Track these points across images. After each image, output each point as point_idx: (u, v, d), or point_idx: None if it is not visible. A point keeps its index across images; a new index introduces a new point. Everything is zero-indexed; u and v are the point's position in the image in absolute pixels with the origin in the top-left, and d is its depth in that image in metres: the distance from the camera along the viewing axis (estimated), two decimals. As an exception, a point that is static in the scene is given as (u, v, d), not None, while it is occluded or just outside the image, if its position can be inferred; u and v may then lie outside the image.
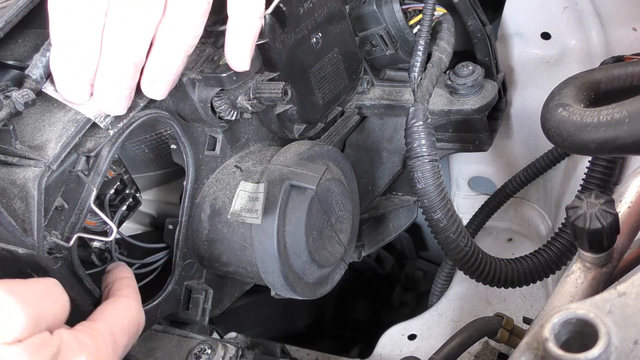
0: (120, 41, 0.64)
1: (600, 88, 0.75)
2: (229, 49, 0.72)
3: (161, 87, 0.69)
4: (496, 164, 1.37)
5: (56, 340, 0.55)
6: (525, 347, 0.44)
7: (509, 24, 1.16)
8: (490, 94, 1.04)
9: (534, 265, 0.94)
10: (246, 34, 0.71)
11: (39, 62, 0.67)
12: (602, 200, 0.57)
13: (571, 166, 1.17)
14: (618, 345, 0.41)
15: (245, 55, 0.72)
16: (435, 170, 0.86)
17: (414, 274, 1.68)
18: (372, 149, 1.12)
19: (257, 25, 0.71)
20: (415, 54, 0.95)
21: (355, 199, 0.95)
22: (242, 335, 1.18)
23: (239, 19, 0.70)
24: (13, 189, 0.65)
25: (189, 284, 0.87)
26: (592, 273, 0.61)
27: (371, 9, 1.01)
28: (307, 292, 0.87)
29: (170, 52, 0.67)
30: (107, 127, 0.69)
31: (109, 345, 0.61)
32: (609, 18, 1.06)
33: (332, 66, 0.96)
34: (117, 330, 0.64)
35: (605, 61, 0.92)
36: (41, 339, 0.54)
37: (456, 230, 0.88)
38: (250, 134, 0.91)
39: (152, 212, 1.03)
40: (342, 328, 1.61)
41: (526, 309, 1.20)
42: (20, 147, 0.65)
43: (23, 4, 0.71)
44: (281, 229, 0.80)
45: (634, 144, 0.58)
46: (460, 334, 0.85)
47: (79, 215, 0.69)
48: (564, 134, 0.65)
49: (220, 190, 0.84)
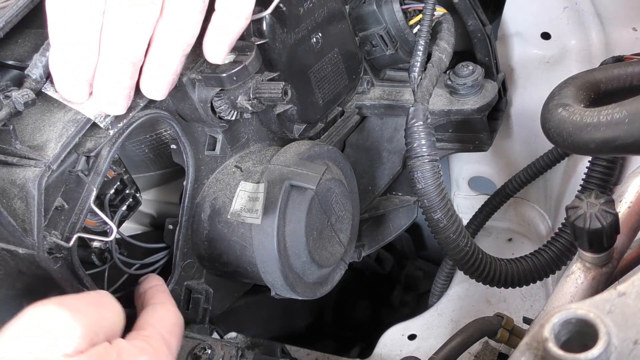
0: (118, 41, 0.64)
1: (600, 88, 0.75)
2: (207, 40, 0.71)
3: (160, 87, 0.69)
4: (496, 164, 1.37)
5: (115, 348, 0.56)
6: (525, 347, 0.44)
7: (509, 24, 1.16)
8: (490, 94, 1.04)
9: (534, 265, 0.94)
10: (228, 30, 0.71)
11: (38, 62, 0.67)
12: (602, 200, 0.57)
13: (571, 166, 1.17)
14: (618, 345, 0.41)
15: (222, 50, 0.72)
16: (435, 170, 0.86)
17: (414, 274, 1.67)
18: (372, 149, 1.12)
19: (241, 24, 0.71)
20: (415, 54, 0.95)
21: (355, 199, 0.95)
22: (242, 335, 1.18)
23: (225, 15, 0.70)
24: (13, 189, 0.65)
25: (189, 284, 0.87)
26: (592, 273, 0.61)
27: (371, 9, 1.01)
28: (307, 292, 0.87)
29: (168, 51, 0.67)
30: (107, 127, 0.69)
31: (165, 347, 0.63)
32: (609, 18, 1.06)
33: (332, 66, 0.96)
34: (166, 333, 0.65)
35: (605, 61, 0.92)
36: (102, 349, 0.55)
37: (456, 230, 0.88)
38: (250, 134, 0.91)
39: (152, 212, 1.04)
40: (342, 328, 1.61)
41: (526, 309, 1.20)
42: (20, 147, 0.65)
43: (23, 4, 0.71)
44: (281, 229, 0.80)
45: (634, 144, 0.58)
46: (460, 334, 0.85)
47: (79, 215, 0.69)
48: (564, 134, 0.65)
49: (220, 190, 0.84)
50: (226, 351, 0.77)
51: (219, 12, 0.70)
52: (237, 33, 0.72)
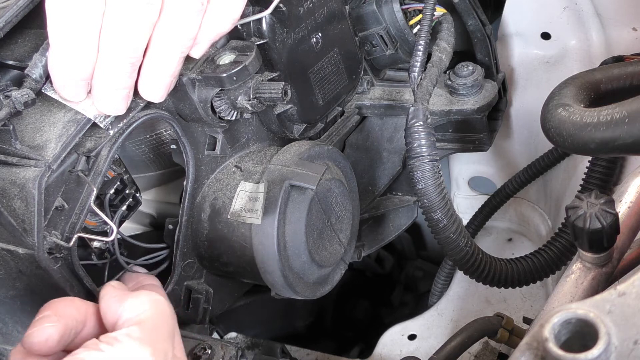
0: (117, 41, 0.64)
1: (600, 88, 0.75)
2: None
3: (158, 89, 0.70)
4: (496, 164, 1.37)
5: None
6: (525, 347, 0.44)
7: (509, 24, 1.16)
8: (490, 94, 1.04)
9: (534, 265, 0.94)
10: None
11: (38, 62, 0.67)
12: (602, 200, 0.57)
13: (571, 166, 1.17)
14: (618, 345, 0.41)
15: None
16: (435, 170, 0.86)
17: (414, 274, 1.67)
18: (372, 149, 1.12)
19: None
20: (415, 54, 0.95)
21: (355, 199, 0.95)
22: (242, 335, 1.18)
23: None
24: (13, 189, 0.65)
25: (189, 284, 0.87)
26: (592, 273, 0.61)
27: (371, 9, 1.01)
28: (307, 292, 0.87)
29: (166, 53, 0.67)
30: (107, 127, 0.69)
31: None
32: (609, 18, 1.06)
33: (332, 66, 0.96)
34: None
35: (605, 61, 0.92)
36: None
37: (456, 230, 0.88)
38: (250, 134, 0.91)
39: (152, 212, 1.03)
40: (342, 328, 1.61)
41: (526, 309, 1.20)
42: (20, 147, 0.65)
43: (23, 4, 0.71)
44: (281, 229, 0.80)
45: (634, 144, 0.58)
46: (460, 334, 0.85)
47: (79, 215, 0.69)
48: (564, 134, 0.65)
49: (220, 190, 0.84)
50: (226, 351, 0.77)
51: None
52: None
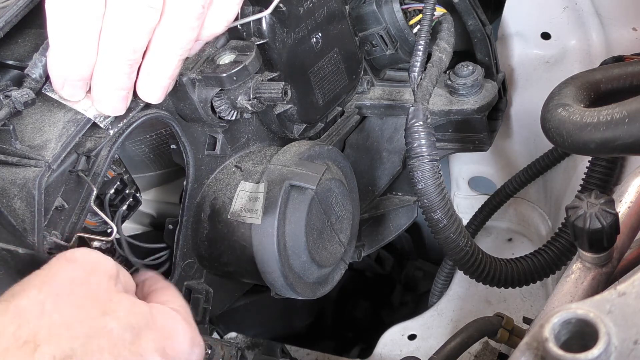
0: (117, 43, 0.64)
1: (600, 88, 0.75)
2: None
3: (156, 91, 0.70)
4: (496, 164, 1.37)
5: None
6: (525, 347, 0.44)
7: (509, 24, 1.16)
8: (490, 94, 1.04)
9: (534, 265, 0.94)
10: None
11: (38, 61, 0.67)
12: (602, 200, 0.57)
13: (571, 166, 1.17)
14: (618, 345, 0.41)
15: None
16: (435, 170, 0.86)
17: (414, 274, 1.67)
18: (372, 149, 1.12)
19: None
20: (415, 54, 0.95)
21: (355, 199, 0.95)
22: (242, 335, 1.18)
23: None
24: (13, 189, 0.65)
25: (189, 284, 0.87)
26: (592, 273, 0.61)
27: (371, 9, 1.01)
28: (307, 292, 0.87)
29: (165, 55, 0.67)
30: (107, 127, 0.69)
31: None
32: (609, 18, 1.06)
33: (332, 66, 0.96)
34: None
35: (605, 61, 0.92)
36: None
37: (456, 230, 0.88)
38: (250, 134, 0.91)
39: (152, 212, 1.03)
40: (342, 328, 1.61)
41: (526, 309, 1.20)
42: (20, 147, 0.66)
43: (23, 4, 0.71)
44: (281, 229, 0.80)
45: (634, 144, 0.58)
46: (460, 334, 0.85)
47: (79, 215, 0.69)
48: (564, 134, 0.65)
49: (220, 190, 0.84)
50: (226, 351, 0.77)
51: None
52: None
